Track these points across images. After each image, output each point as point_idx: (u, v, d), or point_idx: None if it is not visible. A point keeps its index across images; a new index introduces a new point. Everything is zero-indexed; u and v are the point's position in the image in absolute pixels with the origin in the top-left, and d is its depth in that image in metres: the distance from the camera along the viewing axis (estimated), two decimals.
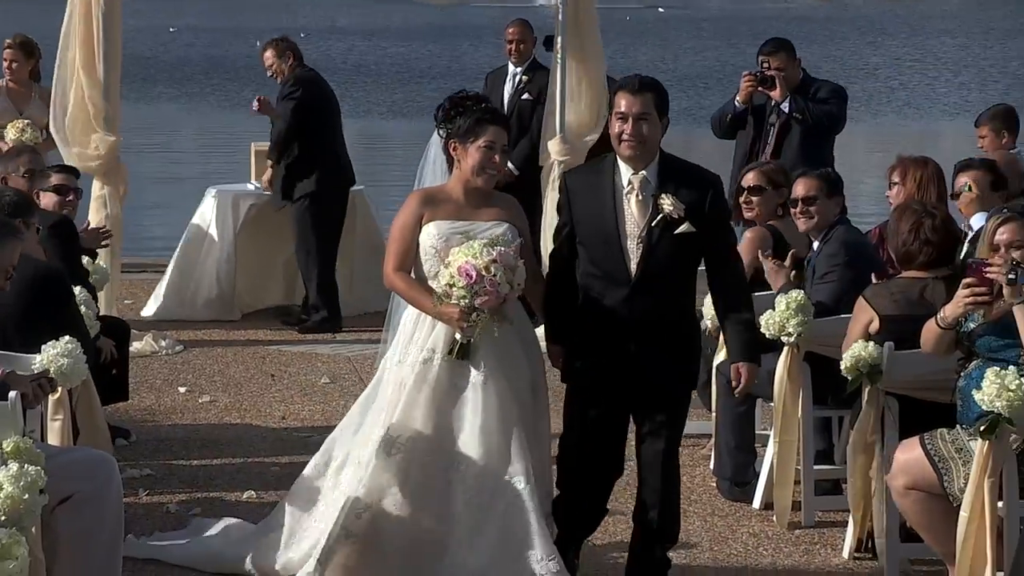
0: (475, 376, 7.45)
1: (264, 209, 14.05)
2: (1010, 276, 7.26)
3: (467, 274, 7.22)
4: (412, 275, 7.67)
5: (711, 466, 9.55)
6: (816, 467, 8.98)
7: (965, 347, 7.62)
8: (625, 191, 7.37)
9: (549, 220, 12.79)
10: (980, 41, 57.65)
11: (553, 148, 12.88)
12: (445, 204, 7.58)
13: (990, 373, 7.10)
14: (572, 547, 7.76)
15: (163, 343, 12.79)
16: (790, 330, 8.45)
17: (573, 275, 7.57)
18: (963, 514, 7.19)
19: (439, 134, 7.75)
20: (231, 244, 14.00)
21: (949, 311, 7.50)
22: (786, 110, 11.91)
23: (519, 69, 13.78)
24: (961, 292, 7.42)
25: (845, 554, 8.43)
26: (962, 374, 7.61)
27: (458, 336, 7.41)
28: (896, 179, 9.76)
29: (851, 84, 40.34)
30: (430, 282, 7.53)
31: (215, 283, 14.00)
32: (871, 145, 27.70)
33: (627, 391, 7.45)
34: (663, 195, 7.27)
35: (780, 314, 8.53)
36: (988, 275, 7.31)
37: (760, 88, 11.92)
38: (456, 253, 7.33)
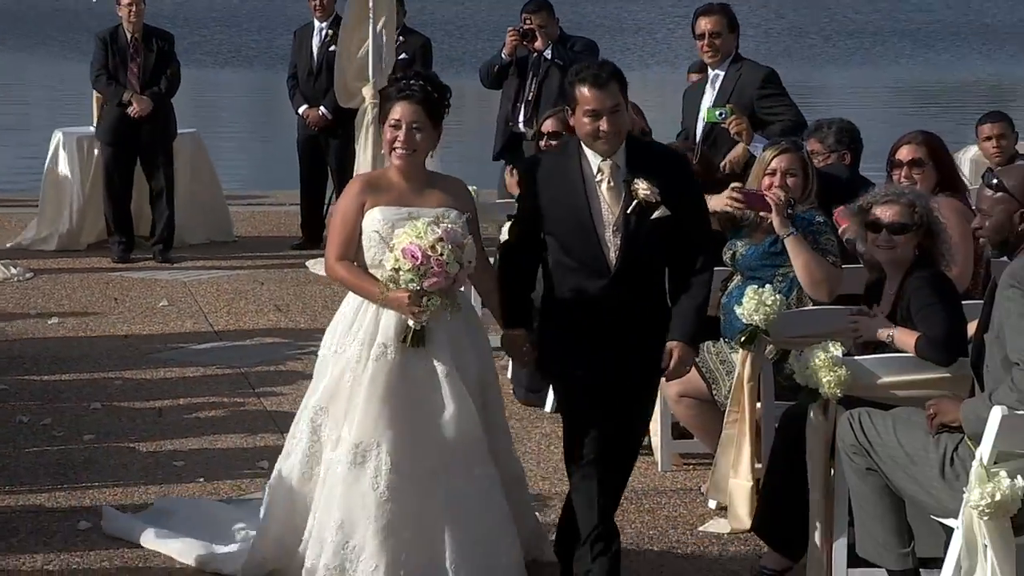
0: (439, 367, 6.32)
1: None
2: (789, 210, 7.39)
3: (412, 255, 6.09)
4: (355, 264, 6.47)
5: (507, 373, 9.55)
6: None
7: (730, 266, 7.72)
8: (596, 179, 6.24)
9: (360, 162, 12.74)
10: None
11: (367, 92, 12.76)
12: (388, 190, 6.42)
13: (749, 290, 7.18)
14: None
15: (14, 270, 12.54)
16: None
17: (531, 261, 6.44)
18: (727, 417, 7.29)
19: None
20: (79, 182, 13.78)
21: (711, 203, 7.62)
22: (549, 57, 11.99)
23: (324, 24, 13.56)
24: (730, 194, 7.56)
25: None
26: (724, 291, 7.71)
27: (411, 323, 6.25)
28: None
29: (623, 38, 40.61)
30: (374, 270, 6.37)
31: (66, 217, 13.77)
32: (644, 94, 27.90)
33: (609, 380, 6.29)
34: (636, 180, 6.16)
35: None
36: (765, 196, 7.44)
37: (524, 42, 12.00)
38: (400, 235, 6.17)
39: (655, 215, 6.17)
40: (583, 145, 6.27)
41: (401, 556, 6.25)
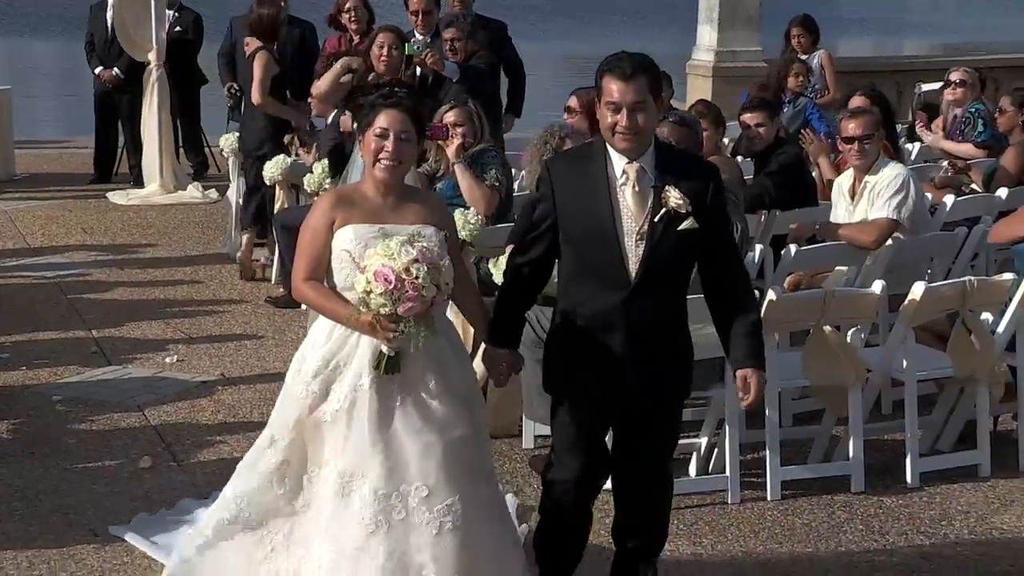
0: (422, 390, 4.65)
1: None
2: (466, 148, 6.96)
3: (385, 278, 4.44)
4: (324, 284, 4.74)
5: None
6: None
7: None
8: (619, 182, 4.59)
9: (146, 114, 12.35)
10: None
11: (152, 57, 12.36)
12: (360, 205, 4.72)
13: (456, 213, 7.08)
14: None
15: None
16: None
17: (539, 275, 4.79)
18: None
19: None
20: None
21: None
22: None
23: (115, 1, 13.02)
24: None
25: None
26: None
27: (384, 349, 4.58)
28: None
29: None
30: (346, 293, 4.64)
31: None
32: None
33: (616, 403, 4.69)
34: (667, 188, 4.55)
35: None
36: (444, 127, 7.32)
37: None
38: (371, 255, 4.52)
39: (683, 226, 4.56)
40: (608, 146, 4.63)
41: None
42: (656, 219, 4.55)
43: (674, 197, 4.54)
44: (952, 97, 9.82)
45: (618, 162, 4.59)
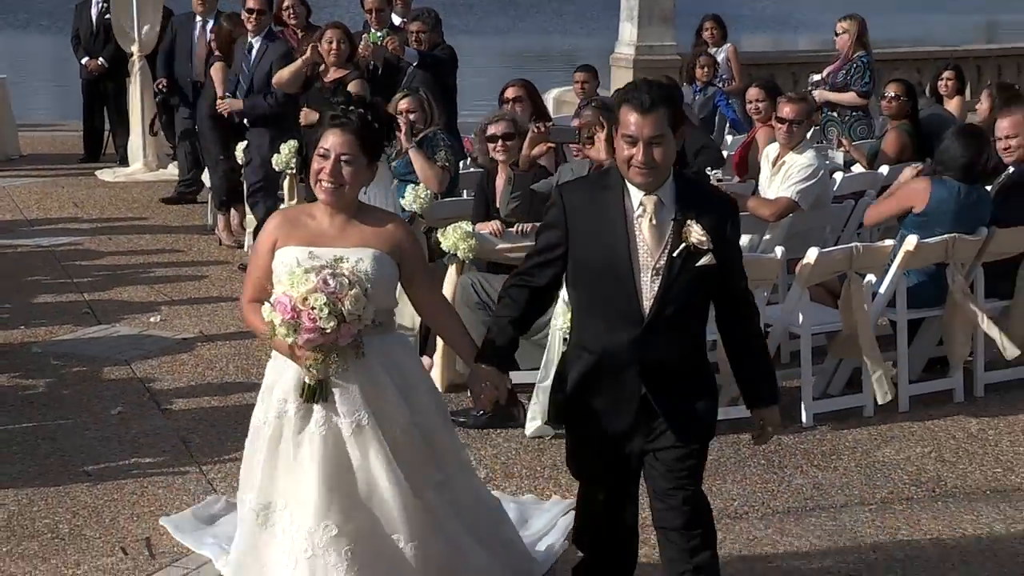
0: (344, 423, 3.91)
1: None
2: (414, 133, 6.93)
3: (283, 308, 3.76)
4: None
5: None
6: None
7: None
8: (636, 214, 3.85)
9: (134, 107, 12.14)
10: None
11: (134, 49, 12.14)
12: (304, 226, 4.00)
13: (408, 188, 7.08)
14: None
15: None
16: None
17: (535, 300, 4.01)
18: None
19: None
20: None
21: None
22: None
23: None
24: None
25: None
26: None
27: (305, 377, 3.89)
28: None
29: None
30: None
31: None
32: None
33: (639, 440, 3.94)
34: (689, 222, 3.81)
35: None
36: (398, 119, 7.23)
37: None
38: (281, 282, 3.85)
39: (701, 262, 3.83)
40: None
41: None
42: (675, 254, 3.82)
43: (696, 232, 3.81)
44: (841, 45, 9.99)
45: (635, 193, 3.86)
